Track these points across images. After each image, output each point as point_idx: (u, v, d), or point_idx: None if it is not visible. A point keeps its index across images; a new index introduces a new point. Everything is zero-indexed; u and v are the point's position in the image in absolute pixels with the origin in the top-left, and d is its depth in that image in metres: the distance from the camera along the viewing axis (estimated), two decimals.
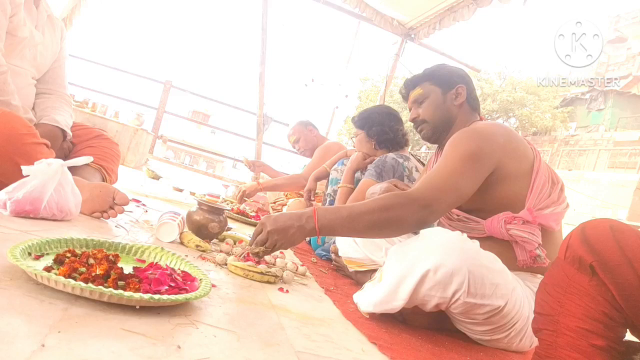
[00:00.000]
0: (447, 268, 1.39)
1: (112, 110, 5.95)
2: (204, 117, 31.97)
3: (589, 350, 0.88)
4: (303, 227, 1.61)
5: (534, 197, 1.70)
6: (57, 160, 1.66)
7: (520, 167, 1.73)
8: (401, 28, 6.93)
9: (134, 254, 1.40)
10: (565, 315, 0.93)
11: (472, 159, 1.66)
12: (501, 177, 1.71)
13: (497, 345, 1.62)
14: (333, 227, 1.63)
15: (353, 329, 1.44)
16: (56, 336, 0.79)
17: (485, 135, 1.73)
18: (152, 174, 4.88)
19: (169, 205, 3.08)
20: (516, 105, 27.36)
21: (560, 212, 1.72)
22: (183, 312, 1.10)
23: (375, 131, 3.02)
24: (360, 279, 2.15)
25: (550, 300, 0.97)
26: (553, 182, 1.76)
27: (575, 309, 0.91)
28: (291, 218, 1.63)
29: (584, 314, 0.90)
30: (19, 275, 1.01)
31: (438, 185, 1.63)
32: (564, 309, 0.94)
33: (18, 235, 1.35)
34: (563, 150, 26.15)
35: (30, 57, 2.19)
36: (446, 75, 2.02)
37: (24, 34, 2.07)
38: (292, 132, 4.68)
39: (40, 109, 2.25)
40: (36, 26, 2.18)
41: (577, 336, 0.90)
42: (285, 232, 1.62)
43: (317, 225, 1.60)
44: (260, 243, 1.64)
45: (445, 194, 1.62)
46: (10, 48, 2.03)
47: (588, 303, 0.90)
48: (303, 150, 4.65)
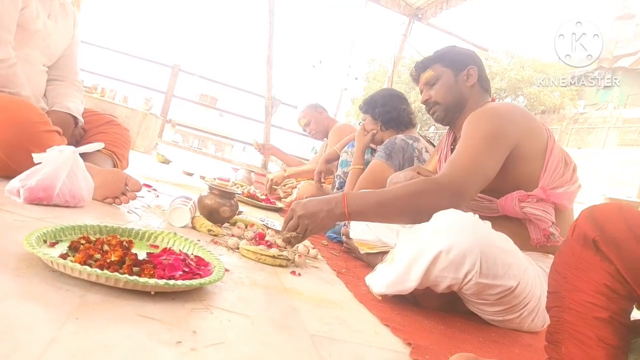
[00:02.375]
0: (459, 249, 1.39)
1: (121, 95, 5.94)
2: (212, 100, 31.89)
3: (593, 322, 0.90)
4: (333, 211, 1.64)
5: (547, 176, 1.70)
6: (69, 147, 1.67)
7: (536, 147, 1.73)
8: (408, 8, 6.88)
9: (147, 240, 1.41)
10: (569, 290, 0.95)
11: (494, 139, 1.67)
12: (518, 157, 1.71)
13: (509, 325, 1.63)
14: (362, 213, 1.65)
15: (365, 311, 1.44)
16: (74, 323, 0.80)
17: (504, 115, 1.74)
18: (162, 159, 4.89)
19: (180, 189, 3.09)
20: (524, 83, 27.17)
21: (573, 192, 1.72)
22: (197, 297, 1.10)
23: (379, 112, 3.05)
24: (372, 261, 2.15)
25: (558, 277, 0.99)
26: (566, 162, 1.76)
27: (579, 283, 0.94)
28: (320, 202, 1.67)
29: (588, 287, 0.92)
30: (35, 262, 1.02)
31: (466, 168, 1.63)
32: (569, 284, 0.96)
33: (32, 222, 1.36)
34: (572, 128, 25.95)
35: (43, 46, 2.19)
36: (457, 56, 2.01)
37: (36, 26, 2.07)
38: (302, 115, 4.66)
39: (51, 96, 2.25)
40: (49, 15, 2.18)
41: (581, 309, 0.92)
42: (315, 216, 1.65)
43: (347, 211, 1.63)
44: (291, 229, 1.67)
45: (473, 178, 1.62)
46: (22, 40, 2.03)
47: (591, 276, 0.92)
48: (314, 133, 4.64)
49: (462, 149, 1.69)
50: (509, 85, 27.19)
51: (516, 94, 28.08)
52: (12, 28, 1.93)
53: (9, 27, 1.92)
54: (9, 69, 1.91)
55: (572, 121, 26.55)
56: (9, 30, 1.92)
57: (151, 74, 9.90)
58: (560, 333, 0.96)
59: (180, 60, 16.07)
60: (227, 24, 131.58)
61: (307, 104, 4.70)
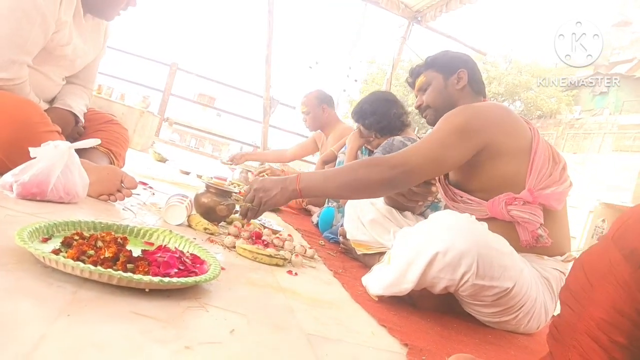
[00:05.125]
0: (456, 250, 1.39)
1: (118, 93, 5.91)
2: (210, 99, 31.85)
3: (608, 345, 0.83)
4: (286, 188, 1.76)
5: (533, 177, 1.70)
6: (65, 143, 1.65)
7: (517, 145, 1.74)
8: (408, 11, 6.89)
9: (142, 237, 1.39)
10: (592, 302, 0.88)
11: (461, 132, 1.70)
12: (495, 154, 1.73)
13: (505, 327, 1.64)
14: (311, 188, 1.77)
15: (362, 311, 1.44)
16: (65, 319, 0.79)
17: (476, 112, 1.76)
18: (159, 157, 4.87)
19: (176, 187, 3.07)
20: (522, 88, 27.19)
21: (562, 192, 1.72)
22: (193, 295, 1.09)
23: (370, 122, 3.02)
24: (368, 262, 2.16)
25: (583, 279, 0.91)
26: (554, 161, 1.76)
27: (604, 299, 0.86)
28: (277, 181, 1.79)
29: (613, 306, 0.84)
30: (26, 258, 1.00)
31: (415, 151, 1.71)
32: (594, 294, 0.88)
33: (25, 217, 1.35)
34: (568, 133, 25.98)
35: (67, 65, 2.18)
36: (448, 61, 2.04)
37: (64, 52, 2.05)
38: (305, 101, 4.39)
39: (57, 95, 2.25)
40: (83, 35, 2.16)
41: (599, 328, 0.85)
42: (270, 191, 1.77)
43: (299, 187, 1.75)
44: (248, 200, 1.80)
45: (421, 159, 1.69)
46: (45, 59, 2.00)
47: (622, 295, 0.83)
48: (308, 125, 4.44)
49: (425, 138, 1.75)
50: (506, 90, 27.19)
51: (513, 98, 28.09)
52: (33, 52, 1.89)
53: (30, 51, 1.88)
54: (16, 86, 1.88)
55: (568, 126, 26.59)
56: (29, 53, 1.88)
57: (149, 72, 9.87)
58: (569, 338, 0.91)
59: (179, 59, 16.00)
60: (226, 23, 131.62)
61: (316, 94, 4.42)
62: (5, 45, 1.79)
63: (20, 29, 1.80)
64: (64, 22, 1.96)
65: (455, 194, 1.89)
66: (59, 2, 1.88)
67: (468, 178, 1.84)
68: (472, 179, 1.82)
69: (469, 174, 1.82)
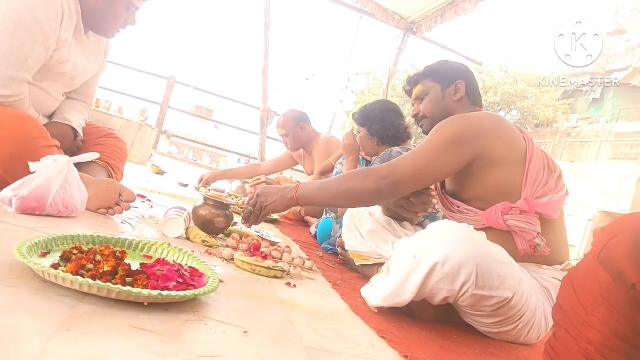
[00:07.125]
0: (455, 261, 1.39)
1: (116, 106, 5.94)
2: (208, 112, 31.90)
3: None
4: (285, 196, 1.87)
5: (529, 186, 1.71)
6: (64, 157, 1.65)
7: (511, 154, 1.75)
8: (403, 22, 6.91)
9: (140, 250, 1.39)
10: (589, 326, 0.88)
11: (452, 142, 1.72)
12: (489, 163, 1.73)
13: (505, 338, 1.63)
14: (308, 197, 1.86)
15: (362, 323, 1.43)
16: (65, 334, 0.78)
17: (468, 122, 1.78)
18: (157, 169, 4.88)
19: (175, 200, 3.07)
20: (518, 97, 27.26)
21: (558, 201, 1.73)
22: (191, 308, 1.09)
23: (377, 129, 3.02)
24: (367, 273, 2.15)
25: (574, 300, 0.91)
26: (550, 170, 1.77)
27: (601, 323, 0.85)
28: (279, 189, 1.91)
29: (613, 332, 0.84)
30: (26, 272, 1.00)
31: (404, 161, 1.74)
32: (590, 317, 0.87)
33: (24, 232, 1.35)
34: (565, 142, 26.06)
35: (67, 81, 2.19)
36: (446, 71, 2.05)
37: (63, 69, 2.06)
38: (282, 123, 4.37)
39: (57, 110, 2.25)
40: (85, 52, 2.17)
41: (598, 352, 0.85)
42: (270, 197, 1.88)
43: (296, 195, 1.84)
44: (251, 205, 1.91)
45: (409, 169, 1.72)
46: (45, 76, 2.01)
47: (619, 319, 0.83)
48: (290, 146, 4.42)
49: (416, 148, 1.77)
50: (502, 100, 27.26)
51: (510, 107, 28.16)
52: (34, 69, 1.90)
53: (31, 68, 1.89)
54: (15, 102, 1.88)
55: (565, 135, 26.69)
56: (29, 70, 1.88)
57: (147, 85, 9.90)
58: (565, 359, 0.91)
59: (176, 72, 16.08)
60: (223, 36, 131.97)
61: (291, 114, 4.39)
62: (5, 62, 1.79)
63: (21, 46, 1.81)
64: (64, 40, 1.97)
65: (452, 204, 1.90)
66: (60, 20, 1.89)
67: (463, 188, 1.84)
68: (467, 188, 1.82)
69: (464, 184, 1.82)
